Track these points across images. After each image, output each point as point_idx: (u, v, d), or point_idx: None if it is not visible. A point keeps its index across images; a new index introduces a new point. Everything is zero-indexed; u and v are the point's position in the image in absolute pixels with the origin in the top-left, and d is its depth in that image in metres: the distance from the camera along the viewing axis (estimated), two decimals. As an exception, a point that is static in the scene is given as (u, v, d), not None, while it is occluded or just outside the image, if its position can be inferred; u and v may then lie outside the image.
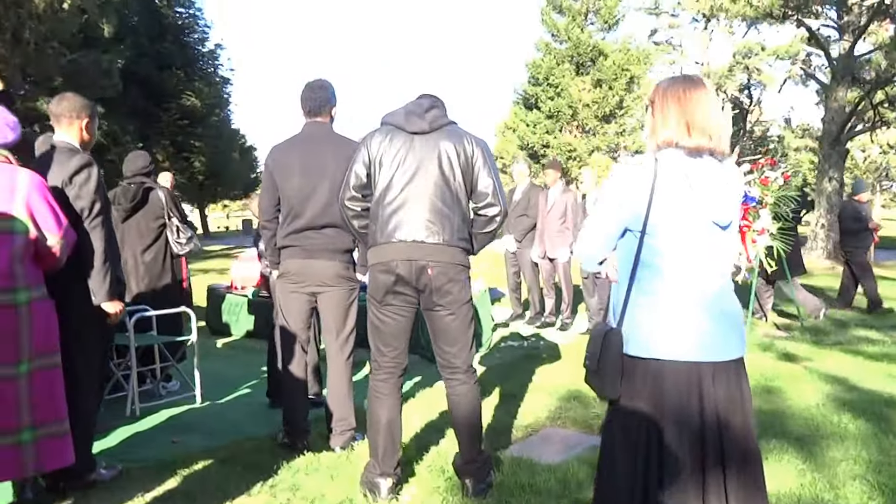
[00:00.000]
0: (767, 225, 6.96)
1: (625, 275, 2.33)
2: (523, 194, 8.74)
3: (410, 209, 3.22)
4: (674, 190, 2.24)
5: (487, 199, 3.31)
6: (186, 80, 28.29)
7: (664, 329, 2.25)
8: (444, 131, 3.29)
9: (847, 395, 5.14)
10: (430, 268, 3.19)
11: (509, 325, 8.71)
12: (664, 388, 2.25)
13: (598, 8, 28.81)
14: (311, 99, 4.03)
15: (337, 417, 4.04)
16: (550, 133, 28.60)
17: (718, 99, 17.87)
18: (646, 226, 2.25)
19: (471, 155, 3.28)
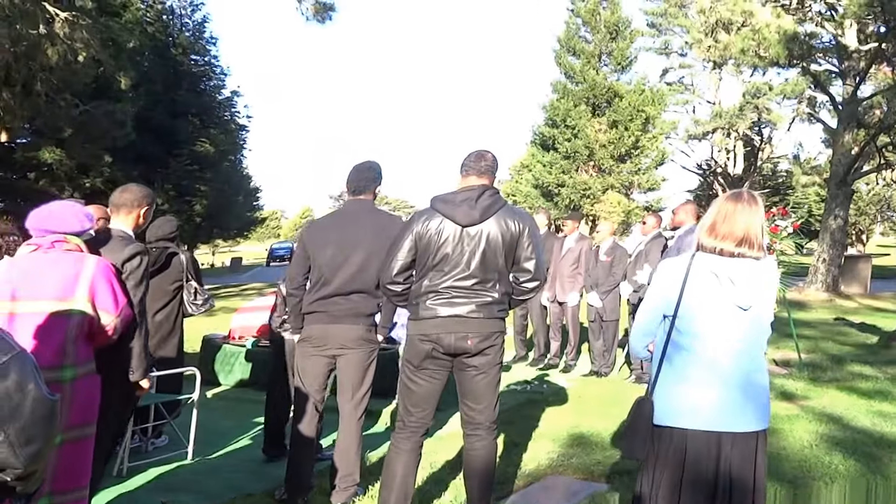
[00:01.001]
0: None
1: (658, 351, 2.71)
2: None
3: (454, 289, 3.45)
4: (702, 281, 2.65)
5: (530, 275, 3.55)
6: (202, 128, 28.60)
7: (689, 401, 2.60)
8: (493, 218, 3.49)
9: (840, 434, 5.35)
10: (471, 339, 3.44)
11: (511, 368, 8.85)
12: (686, 454, 2.59)
13: (611, 50, 29.48)
14: (357, 180, 4.23)
15: (342, 474, 4.11)
16: (566, 173, 29.06)
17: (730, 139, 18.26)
18: (677, 310, 2.65)
19: (517, 234, 3.50)
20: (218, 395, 7.87)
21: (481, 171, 3.59)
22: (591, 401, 6.85)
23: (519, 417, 6.24)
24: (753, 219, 2.68)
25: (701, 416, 2.57)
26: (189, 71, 29.91)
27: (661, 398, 2.64)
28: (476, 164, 3.60)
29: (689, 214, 6.89)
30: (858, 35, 16.22)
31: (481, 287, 3.48)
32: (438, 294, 3.46)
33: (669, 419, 2.61)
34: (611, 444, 5.27)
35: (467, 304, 3.44)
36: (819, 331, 11.13)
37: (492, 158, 3.63)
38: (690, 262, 2.67)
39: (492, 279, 3.49)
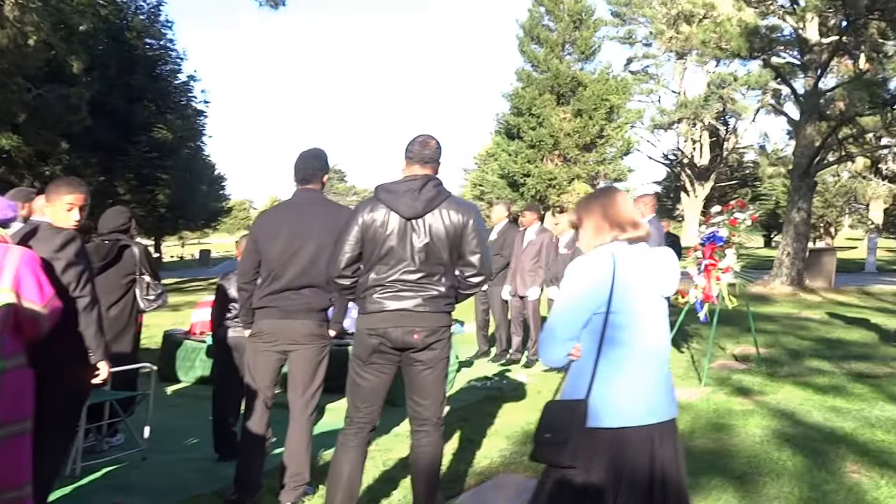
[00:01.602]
0: (732, 263, 7.29)
1: (590, 351, 2.59)
2: (499, 234, 8.99)
3: (400, 282, 3.43)
4: (629, 271, 2.60)
5: (475, 270, 3.54)
6: (158, 113, 28.06)
7: (628, 397, 2.54)
8: (437, 210, 3.45)
9: (791, 429, 5.42)
10: (417, 333, 3.42)
11: (473, 364, 8.85)
12: (625, 454, 2.51)
13: (575, 39, 29.54)
14: (304, 168, 4.15)
15: (291, 473, 4.07)
16: (532, 162, 29.08)
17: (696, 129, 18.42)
18: (610, 305, 2.56)
19: (461, 226, 3.48)
20: (178, 391, 7.80)
21: (425, 160, 3.54)
22: (548, 396, 6.85)
23: (476, 414, 6.24)
24: (632, 204, 2.80)
25: (638, 411, 2.53)
26: (144, 55, 29.16)
27: (600, 398, 2.53)
28: (420, 152, 3.53)
29: (647, 206, 6.92)
30: (820, 28, 16.40)
31: (427, 281, 3.46)
32: (385, 288, 3.44)
33: (609, 420, 2.52)
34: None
35: (414, 297, 3.43)
36: (781, 325, 11.27)
37: (436, 146, 3.57)
38: (615, 255, 2.63)
39: (437, 273, 3.48)
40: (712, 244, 7.31)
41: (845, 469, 4.54)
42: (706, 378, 7.18)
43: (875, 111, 14.31)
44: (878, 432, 5.25)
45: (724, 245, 7.24)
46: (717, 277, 7.26)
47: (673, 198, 44.96)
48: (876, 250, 25.27)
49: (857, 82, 14.23)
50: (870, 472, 4.47)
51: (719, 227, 7.30)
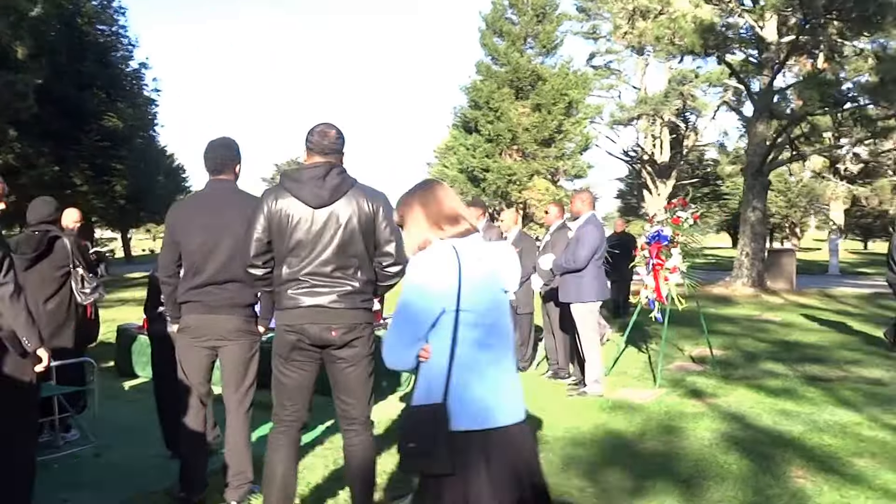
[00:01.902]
0: (678, 263, 7.24)
1: (442, 351, 2.41)
2: (448, 230, 8.89)
3: (314, 277, 3.32)
4: (473, 267, 2.44)
5: (392, 259, 3.43)
6: (108, 101, 27.34)
7: (488, 397, 2.41)
8: (344, 198, 3.35)
9: (740, 433, 5.38)
10: (335, 330, 3.32)
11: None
12: (491, 456, 2.37)
13: (537, 32, 29.47)
14: (214, 158, 4.05)
15: (234, 471, 4.01)
16: (490, 157, 28.94)
17: (656, 126, 18.48)
18: (459, 302, 2.40)
19: (372, 214, 3.38)
20: (136, 386, 7.65)
21: (325, 151, 3.41)
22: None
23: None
24: (454, 196, 2.63)
25: (500, 411, 2.42)
26: (95, 41, 28.30)
27: (459, 401, 2.36)
28: (319, 143, 3.41)
29: (585, 203, 6.84)
30: (780, 27, 16.50)
31: (342, 274, 3.36)
32: (299, 282, 3.35)
33: (472, 422, 2.37)
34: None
35: (329, 293, 3.33)
36: (740, 327, 11.34)
37: (336, 136, 3.44)
38: (457, 249, 2.47)
39: (352, 265, 3.38)
40: (657, 243, 7.26)
41: (790, 474, 4.51)
42: (661, 380, 7.15)
43: (826, 111, 14.46)
44: (825, 437, 5.23)
45: (669, 244, 7.20)
46: (665, 278, 7.22)
47: (637, 195, 45.32)
48: (838, 252, 25.63)
49: (808, 81, 14.38)
50: (814, 476, 4.44)
51: (663, 225, 7.26)
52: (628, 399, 6.50)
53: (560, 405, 6.36)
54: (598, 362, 6.66)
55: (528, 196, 28.59)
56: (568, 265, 6.63)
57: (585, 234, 6.60)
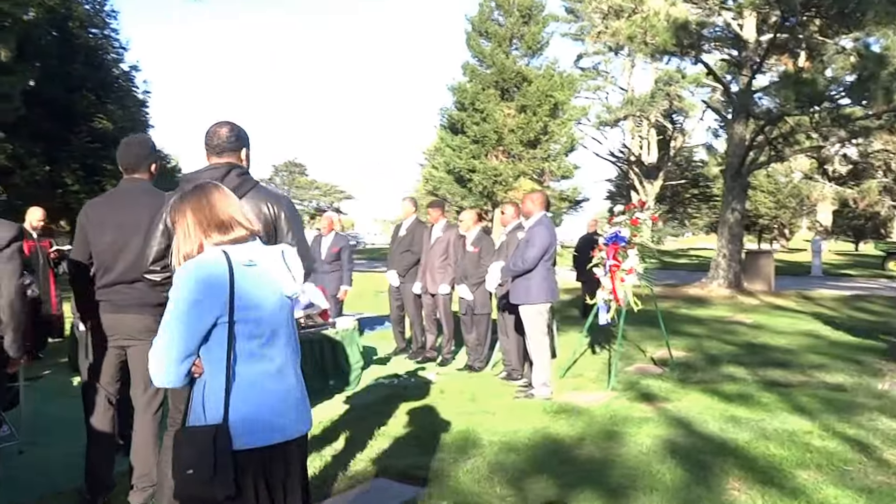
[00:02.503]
0: (635, 264, 7.08)
1: (217, 366, 2.24)
2: (408, 230, 8.76)
3: None
4: (247, 274, 2.29)
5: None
6: (98, 103, 27.26)
7: (268, 412, 2.26)
8: (244, 201, 3.14)
9: (683, 440, 5.19)
10: None
11: (391, 360, 8.65)
12: (272, 472, 2.26)
13: (523, 34, 29.33)
14: (127, 156, 3.99)
15: (138, 474, 3.92)
16: (476, 158, 28.79)
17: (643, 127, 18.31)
18: (232, 313, 2.24)
19: (274, 218, 3.26)
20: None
21: (219, 150, 3.30)
22: (450, 397, 6.61)
23: (372, 414, 6.01)
24: (231, 200, 2.44)
25: (285, 425, 2.30)
26: (86, 44, 28.18)
27: (240, 418, 2.20)
28: (210, 143, 3.31)
29: (536, 204, 6.66)
30: (760, 25, 16.30)
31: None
32: None
33: (255, 439, 2.22)
34: (445, 445, 5.04)
35: None
36: (709, 329, 11.16)
37: (226, 134, 3.31)
38: (228, 256, 2.29)
39: None
40: (615, 244, 7.10)
41: (726, 485, 4.31)
42: (614, 382, 6.97)
43: (802, 110, 14.27)
44: (771, 445, 5.02)
45: (627, 245, 7.04)
46: (621, 279, 7.05)
47: (626, 196, 45.19)
48: (821, 253, 25.44)
49: (784, 81, 14.19)
50: (751, 489, 4.24)
51: (622, 227, 7.10)
52: (575, 402, 6.31)
53: (504, 408, 6.17)
54: (545, 364, 6.48)
55: (514, 196, 28.41)
56: (516, 267, 6.46)
57: (535, 235, 6.42)
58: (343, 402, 6.49)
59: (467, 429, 5.45)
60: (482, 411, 6.05)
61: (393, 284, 8.88)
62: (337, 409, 6.25)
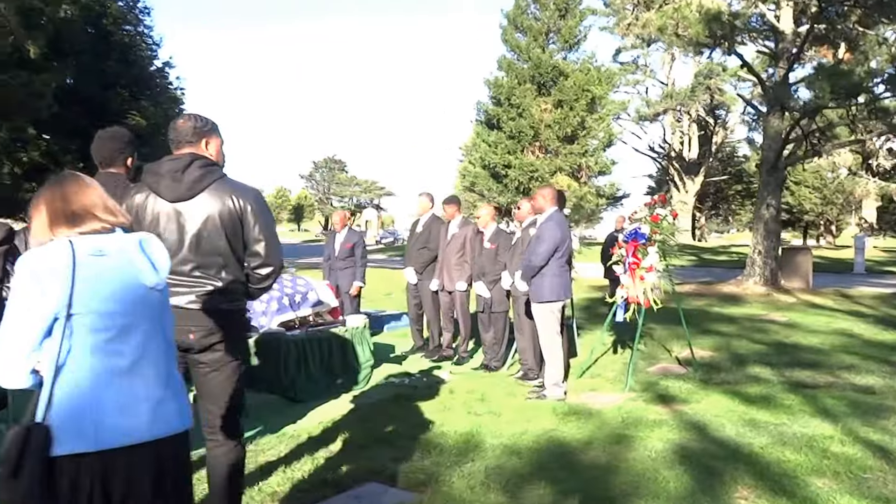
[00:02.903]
0: (655, 262, 6.84)
1: (51, 362, 2.08)
2: (424, 227, 8.62)
3: (173, 276, 3.01)
4: (94, 266, 2.14)
5: (261, 260, 3.20)
6: (132, 100, 27.62)
7: (116, 413, 2.10)
8: (206, 193, 3.11)
9: (696, 444, 4.97)
10: (193, 333, 3.10)
11: (407, 358, 8.52)
12: (112, 480, 2.09)
13: (560, 27, 28.95)
14: (101, 149, 3.93)
15: None
16: (512, 153, 28.51)
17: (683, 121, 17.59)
18: (71, 306, 2.09)
19: (239, 212, 3.14)
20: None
21: (182, 141, 3.21)
22: (460, 397, 6.45)
23: (375, 414, 5.88)
24: (92, 191, 2.30)
25: (132, 427, 2.12)
26: (120, 41, 28.57)
27: (66, 418, 2.04)
28: (174, 136, 3.23)
29: (547, 199, 6.46)
30: (798, 16, 15.77)
31: (202, 274, 3.13)
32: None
33: (84, 442, 2.05)
34: (446, 447, 4.88)
35: (187, 293, 3.11)
36: (740, 327, 10.79)
37: (185, 125, 3.22)
38: (73, 246, 2.14)
39: (214, 265, 3.14)
40: (634, 242, 6.87)
41: (734, 493, 4.10)
42: (631, 383, 6.75)
43: (838, 103, 13.74)
44: (787, 451, 4.77)
45: (647, 243, 6.80)
46: (640, 277, 6.82)
47: (666, 192, 44.45)
48: (864, 250, 24.61)
49: (820, 73, 13.68)
50: (759, 497, 4.02)
51: (641, 223, 6.87)
52: (588, 404, 6.11)
53: (514, 409, 5.99)
54: (558, 364, 6.29)
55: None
56: (528, 264, 6.29)
57: (545, 231, 6.24)
58: (349, 402, 6.37)
59: (471, 430, 5.29)
60: (490, 412, 5.89)
61: (410, 282, 8.74)
62: (340, 408, 6.13)
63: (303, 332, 6.62)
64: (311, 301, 7.01)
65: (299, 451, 4.91)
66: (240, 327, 3.26)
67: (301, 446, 5.04)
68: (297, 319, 6.86)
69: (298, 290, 7.01)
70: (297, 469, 4.53)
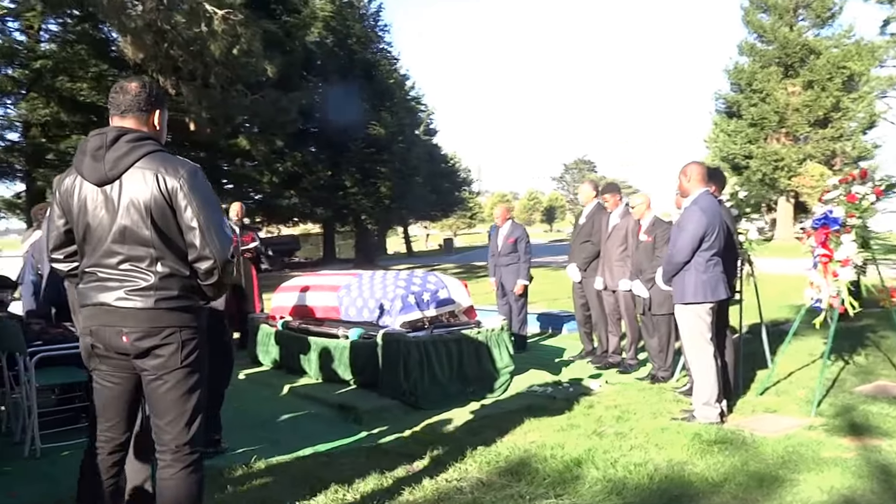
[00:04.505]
0: (852, 254, 5.42)
1: None
2: (588, 218, 7.73)
3: (102, 269, 2.71)
4: None
5: (195, 253, 2.68)
6: (372, 111, 29.49)
7: None
8: (131, 172, 2.66)
9: (872, 498, 3.71)
10: (125, 335, 2.66)
11: (572, 364, 7.69)
12: None
13: (809, 2, 25.85)
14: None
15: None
16: (753, 142, 26.05)
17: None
18: None
19: (170, 194, 2.65)
20: (252, 374, 7.72)
21: (122, 109, 2.75)
22: (594, 413, 5.56)
23: (485, 428, 5.22)
24: None
25: None
26: (363, 59, 30.90)
27: None
28: (114, 100, 2.76)
29: (693, 179, 5.28)
30: None
31: (133, 267, 2.67)
32: (92, 275, 2.73)
33: None
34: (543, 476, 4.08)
35: (118, 288, 2.67)
36: None
37: (136, 90, 2.76)
38: None
39: (147, 256, 2.66)
40: (825, 228, 5.48)
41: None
42: (820, 405, 5.40)
43: None
44: None
45: (840, 229, 5.39)
46: (834, 273, 5.42)
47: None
48: None
49: None
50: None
51: (834, 204, 5.47)
52: (748, 430, 4.90)
53: (648, 432, 4.94)
54: (707, 380, 5.13)
55: (799, 184, 25.11)
56: (666, 260, 5.27)
57: (686, 218, 5.13)
58: (470, 412, 5.74)
59: (582, 456, 4.40)
60: (618, 434, 4.93)
61: (574, 280, 7.87)
62: (458, 418, 5.53)
63: (427, 333, 6.08)
64: (441, 299, 6.47)
65: (381, 462, 4.45)
66: (191, 330, 2.75)
67: (384, 457, 4.55)
68: (425, 319, 6.34)
69: (427, 288, 6.49)
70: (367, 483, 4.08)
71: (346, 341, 6.52)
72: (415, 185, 33.24)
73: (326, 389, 6.40)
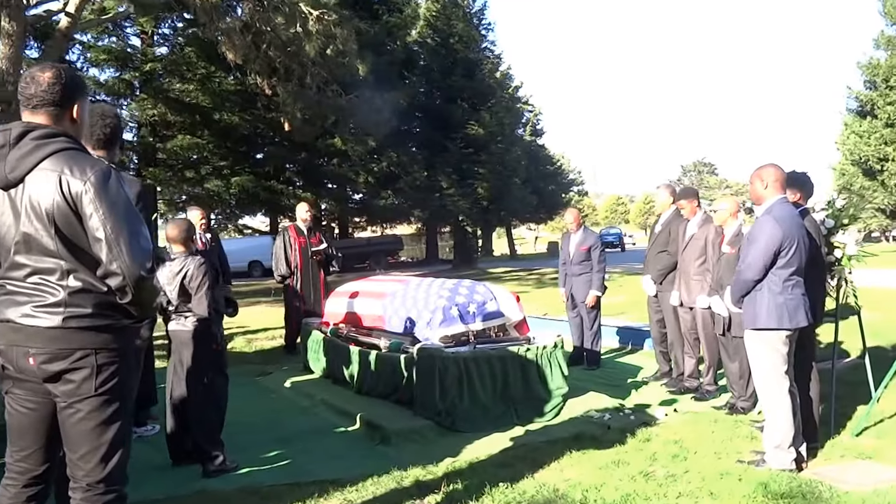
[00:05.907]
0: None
1: None
2: (664, 225, 6.98)
3: (10, 282, 2.39)
4: None
5: (103, 267, 2.30)
6: (472, 111, 29.13)
7: None
8: (35, 174, 2.32)
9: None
10: (32, 357, 2.33)
11: (645, 385, 6.99)
12: None
13: (956, -12, 23.51)
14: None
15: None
16: (890, 144, 23.82)
17: None
18: None
19: (75, 198, 2.29)
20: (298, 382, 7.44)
21: (33, 104, 2.39)
22: (648, 449, 4.86)
23: (524, 459, 4.64)
24: None
25: None
26: (465, 58, 30.47)
27: None
28: (23, 93, 2.39)
29: (768, 185, 4.47)
30: None
31: (42, 280, 2.33)
32: (2, 288, 2.41)
33: None
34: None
35: (26, 304, 2.33)
36: None
37: (49, 81, 2.38)
38: None
39: (56, 269, 2.32)
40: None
41: None
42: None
43: None
44: None
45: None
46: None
47: None
48: None
49: None
50: None
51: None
52: (826, 482, 4.10)
53: (704, 477, 4.21)
54: (782, 420, 4.33)
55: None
56: (736, 277, 4.53)
57: (759, 230, 4.35)
58: (510, 438, 5.16)
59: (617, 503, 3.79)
60: (669, 476, 4.25)
61: (648, 293, 7.13)
62: (495, 445, 4.97)
63: (469, 349, 5.55)
64: (488, 312, 5.91)
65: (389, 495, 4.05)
66: (109, 352, 2.37)
67: (395, 488, 4.10)
68: (470, 333, 5.81)
69: (474, 300, 5.95)
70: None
71: (383, 353, 6.10)
72: (514, 187, 32.64)
73: (361, 405, 5.96)
